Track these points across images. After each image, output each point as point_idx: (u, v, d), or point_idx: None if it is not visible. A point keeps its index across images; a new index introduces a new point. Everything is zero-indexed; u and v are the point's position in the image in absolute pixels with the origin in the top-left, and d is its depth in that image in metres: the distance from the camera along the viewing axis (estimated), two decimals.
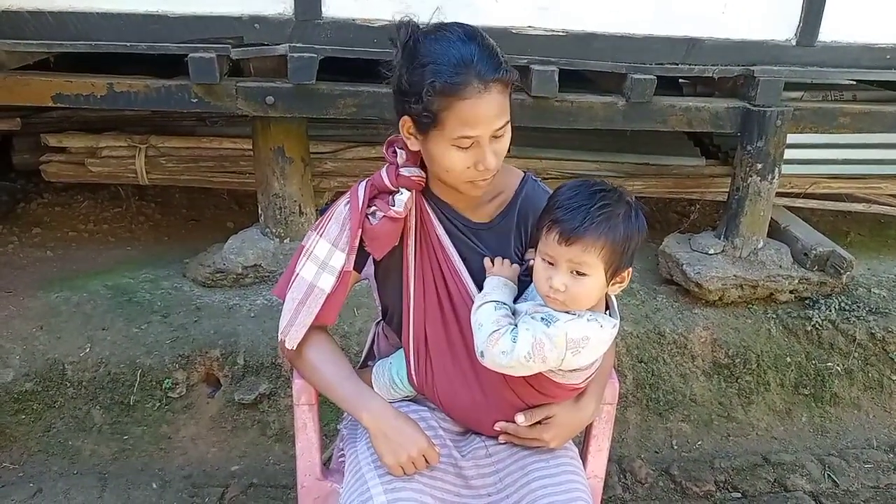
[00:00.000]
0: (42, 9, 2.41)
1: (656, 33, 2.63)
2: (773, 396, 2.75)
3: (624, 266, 1.31)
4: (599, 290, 1.30)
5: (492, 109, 1.28)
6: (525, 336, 1.29)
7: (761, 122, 2.69)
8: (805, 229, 3.04)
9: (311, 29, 2.46)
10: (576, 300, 1.29)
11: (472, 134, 1.28)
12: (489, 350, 1.31)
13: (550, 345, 1.28)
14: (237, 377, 2.49)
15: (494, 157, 1.32)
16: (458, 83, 1.25)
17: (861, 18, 2.71)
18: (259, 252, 2.81)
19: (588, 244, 1.24)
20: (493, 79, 1.27)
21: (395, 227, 1.41)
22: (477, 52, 1.27)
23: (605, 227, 1.25)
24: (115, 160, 3.12)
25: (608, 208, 1.26)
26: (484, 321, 1.33)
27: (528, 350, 1.28)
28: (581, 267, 1.26)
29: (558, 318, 1.29)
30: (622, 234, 1.26)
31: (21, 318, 2.56)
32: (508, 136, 1.35)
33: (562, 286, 1.27)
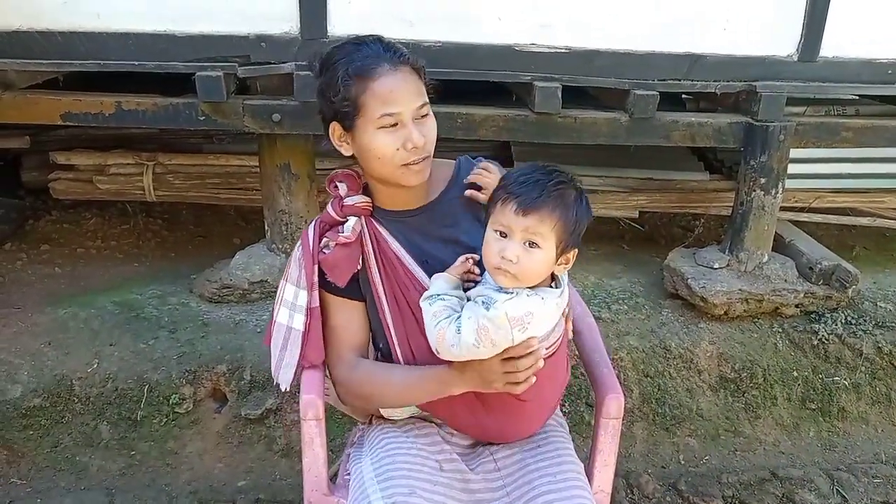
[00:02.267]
0: (52, 29, 2.45)
1: (658, 49, 2.65)
2: (780, 411, 2.74)
3: (572, 245, 1.35)
4: (548, 265, 1.33)
5: (407, 86, 1.36)
6: (468, 325, 1.31)
7: (764, 138, 2.70)
8: (810, 243, 3.04)
9: (316, 47, 2.46)
10: (525, 273, 1.31)
11: (393, 111, 1.35)
12: (440, 346, 1.34)
13: (494, 327, 1.29)
14: (244, 392, 2.50)
15: (421, 135, 1.37)
16: (369, 65, 1.35)
17: (862, 34, 2.73)
18: (265, 268, 2.83)
19: (545, 215, 1.29)
20: (401, 60, 1.37)
21: (348, 253, 1.47)
22: (381, 45, 1.39)
23: (560, 202, 1.31)
24: (123, 177, 3.15)
25: (562, 186, 1.32)
26: (427, 320, 1.36)
27: (473, 338, 1.30)
28: (535, 237, 1.30)
29: (496, 300, 1.31)
30: (574, 212, 1.32)
31: (29, 334, 2.58)
32: (433, 123, 1.41)
33: (514, 257, 1.29)
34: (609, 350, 2.58)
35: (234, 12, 2.45)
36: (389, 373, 1.50)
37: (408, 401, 1.52)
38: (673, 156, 3.48)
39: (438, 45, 2.51)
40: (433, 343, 1.35)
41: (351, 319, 1.52)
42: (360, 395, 1.54)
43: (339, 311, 1.53)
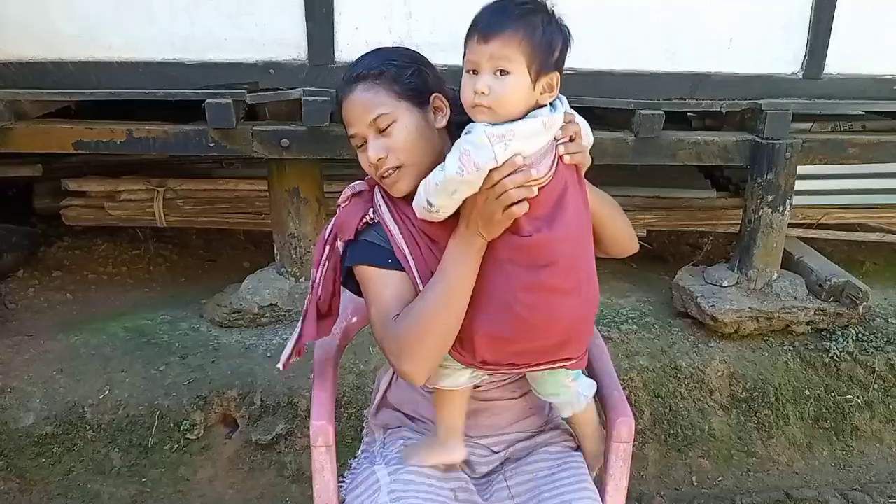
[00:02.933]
0: (64, 59, 2.50)
1: (663, 70, 2.67)
2: (793, 430, 2.72)
3: (548, 67, 1.27)
4: (524, 91, 1.25)
5: (358, 104, 1.35)
6: (451, 157, 1.26)
7: (770, 155, 2.71)
8: (819, 260, 3.03)
9: (324, 73, 2.52)
10: (501, 102, 1.24)
11: (351, 132, 1.38)
12: (428, 191, 1.29)
13: (474, 148, 1.23)
14: (254, 417, 2.50)
15: (379, 149, 1.34)
16: (338, 92, 1.40)
17: (867, 51, 2.74)
18: (275, 292, 2.84)
19: (507, 37, 1.22)
20: (356, 76, 1.36)
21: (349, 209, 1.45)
22: (364, 59, 1.40)
23: (524, 22, 1.24)
24: (134, 203, 3.18)
25: (527, 8, 1.26)
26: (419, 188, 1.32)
27: (456, 166, 1.24)
28: (501, 62, 1.22)
29: (477, 125, 1.26)
30: (542, 31, 1.25)
31: (41, 362, 2.60)
32: (402, 128, 1.35)
33: (485, 88, 1.23)
34: (619, 371, 2.58)
35: (244, 41, 2.48)
36: (423, 291, 1.36)
37: (456, 295, 1.32)
38: (680, 174, 3.48)
39: (445, 68, 2.51)
40: (420, 199, 1.30)
41: (396, 288, 1.39)
42: (417, 339, 1.32)
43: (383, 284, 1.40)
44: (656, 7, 2.58)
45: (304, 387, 2.50)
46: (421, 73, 1.39)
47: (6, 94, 2.46)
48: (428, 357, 1.34)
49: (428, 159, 1.36)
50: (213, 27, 2.47)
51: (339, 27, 2.48)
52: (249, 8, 2.45)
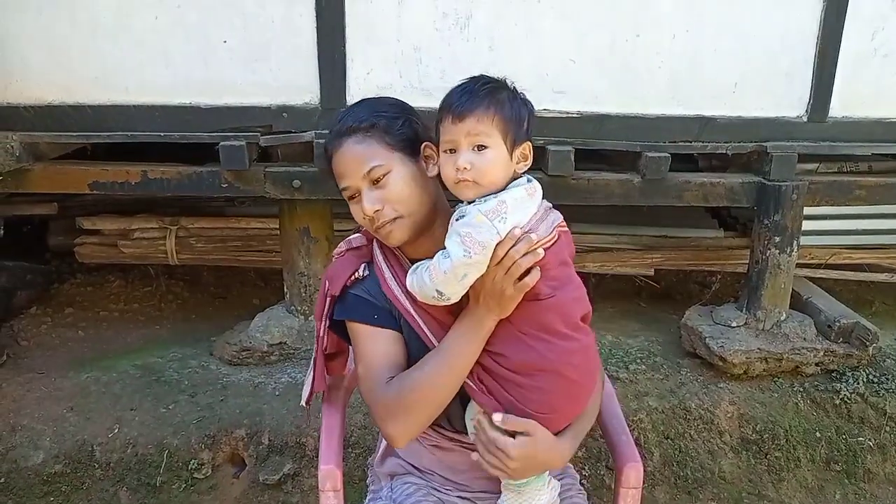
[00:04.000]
0: (83, 103, 2.56)
1: (669, 113, 2.71)
2: (804, 473, 2.69)
3: (521, 138, 1.32)
4: (503, 163, 1.31)
5: (350, 157, 1.36)
6: (452, 242, 1.28)
7: (777, 197, 2.73)
8: (828, 301, 3.03)
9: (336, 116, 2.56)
10: (483, 175, 1.29)
11: (344, 185, 1.38)
12: (435, 281, 1.29)
13: (475, 229, 1.26)
14: (262, 457, 2.50)
15: (374, 201, 1.34)
16: (328, 144, 1.40)
17: (871, 94, 2.77)
18: (284, 330, 2.86)
19: (480, 114, 1.28)
20: (347, 129, 1.37)
21: (341, 262, 1.47)
22: (352, 112, 1.41)
23: (492, 98, 1.30)
24: (147, 241, 3.22)
25: (490, 86, 1.32)
26: (420, 281, 1.32)
27: (461, 250, 1.26)
28: (479, 138, 1.28)
29: (467, 206, 1.31)
30: (510, 105, 1.31)
31: (52, 399, 2.61)
32: (397, 178, 1.36)
33: (467, 164, 1.28)
34: (628, 412, 2.58)
35: (258, 85, 2.54)
36: (423, 361, 1.36)
37: (455, 372, 1.34)
38: (687, 213, 3.50)
39: None
40: (428, 290, 1.30)
41: (384, 345, 1.41)
42: (406, 407, 1.34)
43: (371, 341, 1.42)
44: (662, 53, 2.63)
45: (313, 426, 2.50)
46: (410, 122, 1.41)
47: (25, 137, 2.52)
48: (415, 425, 1.37)
49: (424, 208, 1.38)
50: (228, 72, 2.53)
51: (351, 72, 2.54)
52: (264, 53, 2.51)
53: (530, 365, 1.33)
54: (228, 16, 2.49)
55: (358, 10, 2.49)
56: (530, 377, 1.33)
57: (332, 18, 2.48)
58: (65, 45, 2.50)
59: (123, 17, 2.47)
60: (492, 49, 2.56)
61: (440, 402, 1.36)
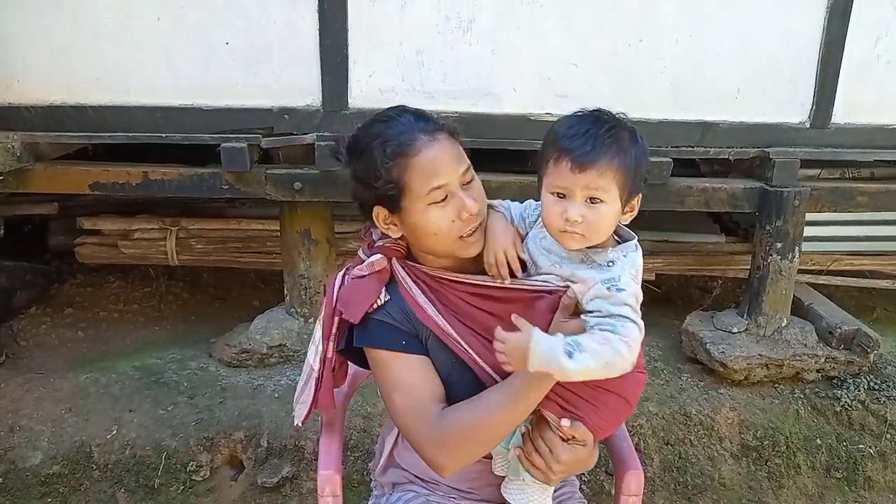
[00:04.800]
0: (84, 104, 2.56)
1: (671, 117, 2.70)
2: (804, 480, 2.69)
3: (637, 190, 1.28)
4: (615, 217, 1.27)
5: (448, 153, 1.30)
6: (632, 312, 1.23)
7: (779, 203, 2.72)
8: (829, 307, 3.02)
9: (338, 119, 2.56)
10: (593, 230, 1.25)
11: (441, 182, 1.29)
12: (635, 350, 1.22)
13: (635, 340, 1.22)
14: (260, 460, 2.49)
15: (474, 202, 1.31)
16: (406, 141, 1.29)
17: (873, 101, 2.76)
18: (284, 332, 2.85)
19: (603, 167, 1.21)
20: (436, 128, 1.32)
21: (362, 286, 1.36)
22: (410, 117, 1.33)
23: (616, 148, 1.23)
24: (147, 242, 3.21)
25: (615, 131, 1.24)
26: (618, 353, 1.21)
27: (630, 357, 1.21)
28: (597, 192, 1.23)
29: (626, 325, 1.22)
30: (633, 155, 1.25)
31: (51, 400, 2.60)
32: (480, 185, 1.36)
33: (579, 217, 1.23)
34: (628, 417, 2.56)
35: (260, 87, 2.54)
36: (486, 397, 1.32)
37: (520, 410, 1.31)
38: (688, 218, 3.49)
39: (456, 115, 2.57)
40: (626, 363, 1.21)
41: (421, 374, 1.36)
42: (463, 440, 1.31)
43: (405, 369, 1.36)
44: (664, 58, 2.63)
45: (311, 429, 2.49)
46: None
47: (26, 137, 2.52)
48: (473, 456, 1.35)
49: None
50: (229, 73, 2.52)
51: (353, 75, 2.54)
52: (266, 55, 2.51)
53: (606, 389, 1.33)
54: (230, 17, 2.48)
55: (361, 13, 2.48)
56: (603, 398, 1.34)
57: (334, 21, 2.48)
58: (66, 45, 2.49)
59: (125, 18, 2.47)
60: (494, 52, 2.56)
61: (498, 438, 1.36)
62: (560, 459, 1.33)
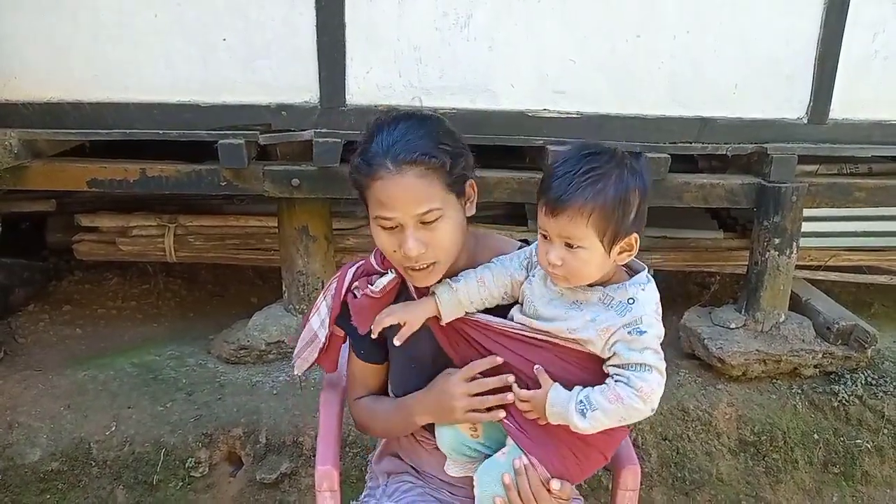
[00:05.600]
0: (81, 100, 2.55)
1: (669, 114, 2.70)
2: (801, 475, 2.69)
3: (624, 232, 1.20)
4: (600, 260, 1.21)
5: (407, 192, 1.23)
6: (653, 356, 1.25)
7: (777, 199, 2.72)
8: (827, 302, 3.03)
9: (335, 115, 2.56)
10: (574, 274, 1.22)
11: (388, 215, 1.25)
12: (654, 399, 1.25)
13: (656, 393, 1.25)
14: (259, 456, 2.50)
15: (420, 244, 1.25)
16: (371, 163, 1.25)
17: (871, 97, 2.76)
18: (282, 329, 2.85)
19: (573, 213, 1.16)
20: (408, 161, 1.22)
21: (372, 305, 1.40)
22: (400, 135, 1.25)
23: (591, 192, 1.16)
24: (145, 239, 3.21)
25: (595, 171, 1.17)
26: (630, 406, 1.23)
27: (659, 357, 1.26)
28: (571, 239, 1.19)
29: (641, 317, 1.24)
30: (612, 197, 1.16)
31: (49, 397, 2.61)
32: (448, 227, 1.28)
33: (558, 260, 1.20)
34: None
35: (258, 84, 2.53)
36: (380, 406, 1.55)
37: (393, 431, 1.58)
38: (686, 214, 3.49)
39: (454, 111, 2.57)
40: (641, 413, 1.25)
41: (362, 372, 1.56)
42: (361, 426, 1.61)
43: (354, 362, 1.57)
44: (662, 54, 2.63)
45: (310, 425, 2.50)
46: (467, 160, 1.31)
47: (24, 134, 2.51)
48: (371, 434, 1.66)
49: (457, 252, 1.34)
50: (227, 71, 2.52)
51: (351, 71, 2.53)
52: (263, 53, 2.51)
53: (588, 445, 1.35)
54: (228, 15, 2.48)
55: (358, 10, 2.48)
56: (584, 454, 1.36)
57: (331, 18, 2.47)
58: (64, 42, 2.49)
59: (123, 15, 2.47)
60: (492, 49, 2.56)
61: (391, 435, 1.62)
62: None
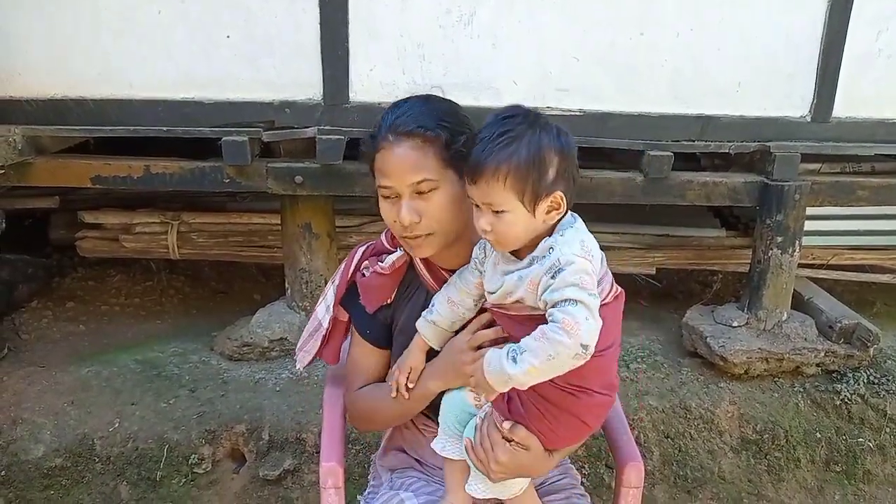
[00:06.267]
0: (85, 97, 2.56)
1: (672, 111, 2.70)
2: (803, 473, 2.70)
3: (545, 191, 1.20)
4: (526, 222, 1.21)
5: (403, 161, 1.29)
6: (575, 290, 1.16)
7: (779, 197, 2.72)
8: (829, 301, 3.03)
9: (338, 113, 2.57)
10: (505, 239, 1.23)
11: (386, 184, 1.32)
12: (582, 334, 1.15)
13: (583, 273, 1.19)
14: (262, 453, 2.50)
15: (413, 212, 1.31)
16: (375, 136, 1.34)
17: (875, 95, 2.77)
18: (285, 326, 2.86)
19: (489, 178, 1.18)
20: (406, 132, 1.29)
21: (382, 283, 1.46)
22: (405, 109, 1.33)
23: (504, 154, 1.17)
24: (149, 236, 3.22)
25: (507, 135, 1.18)
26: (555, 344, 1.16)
27: (586, 293, 1.17)
28: (493, 205, 1.20)
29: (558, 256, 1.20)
30: (525, 157, 1.17)
31: (53, 393, 2.61)
32: (441, 199, 1.32)
33: (487, 226, 1.22)
34: (628, 411, 2.58)
35: (261, 81, 2.54)
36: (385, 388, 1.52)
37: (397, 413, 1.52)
38: (689, 212, 3.50)
39: None
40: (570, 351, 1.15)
41: (365, 356, 1.56)
42: (361, 415, 1.58)
43: (357, 345, 1.57)
44: (665, 52, 2.63)
45: (313, 422, 2.50)
46: (470, 140, 1.31)
47: (28, 131, 2.51)
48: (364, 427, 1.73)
49: (457, 228, 1.36)
50: (231, 68, 2.52)
51: (354, 68, 2.53)
52: (267, 49, 2.51)
53: (556, 406, 1.31)
54: (232, 11, 2.48)
55: (361, 6, 2.48)
56: (553, 414, 1.32)
57: (335, 14, 2.47)
58: (68, 39, 2.49)
59: (126, 11, 2.47)
60: (495, 46, 2.56)
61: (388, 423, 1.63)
62: (498, 459, 1.33)
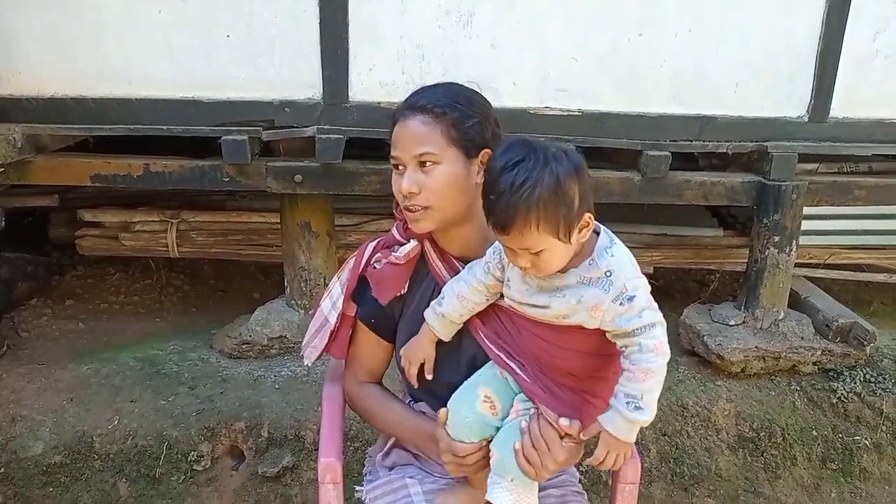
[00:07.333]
0: (85, 95, 2.56)
1: (670, 112, 2.71)
2: (800, 471, 2.71)
3: (576, 219, 1.21)
4: (565, 251, 1.24)
5: (411, 134, 1.36)
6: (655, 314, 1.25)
7: (777, 197, 2.73)
8: (826, 300, 3.04)
9: (338, 112, 2.58)
10: (547, 270, 1.25)
11: (395, 154, 1.39)
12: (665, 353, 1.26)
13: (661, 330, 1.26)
14: (261, 450, 2.51)
15: (413, 183, 1.36)
16: (398, 109, 1.42)
17: (872, 95, 2.77)
18: (285, 324, 2.87)
19: (521, 228, 1.19)
20: (417, 108, 1.37)
21: (395, 273, 1.48)
22: (428, 90, 1.42)
23: (529, 203, 1.17)
24: (148, 234, 3.23)
25: (526, 183, 1.18)
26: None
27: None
28: (530, 248, 1.22)
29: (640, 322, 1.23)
30: (550, 198, 1.18)
31: (52, 390, 2.62)
32: (441, 174, 1.36)
33: (527, 264, 1.24)
34: None
35: (261, 80, 2.54)
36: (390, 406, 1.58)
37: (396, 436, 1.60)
38: (686, 211, 3.51)
39: None
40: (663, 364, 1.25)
41: (370, 346, 1.60)
42: (360, 411, 1.65)
43: (362, 334, 1.60)
44: (664, 53, 2.64)
45: (312, 419, 2.51)
46: (482, 125, 1.39)
47: (27, 129, 2.52)
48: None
49: (456, 209, 1.39)
50: (231, 67, 2.53)
51: (354, 68, 2.54)
52: (267, 49, 2.52)
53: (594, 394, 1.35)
54: (232, 10, 2.49)
55: (361, 7, 2.49)
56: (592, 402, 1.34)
57: (335, 15, 2.48)
58: (68, 37, 2.50)
59: (126, 10, 2.48)
60: (494, 47, 2.57)
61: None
62: (557, 458, 1.33)
